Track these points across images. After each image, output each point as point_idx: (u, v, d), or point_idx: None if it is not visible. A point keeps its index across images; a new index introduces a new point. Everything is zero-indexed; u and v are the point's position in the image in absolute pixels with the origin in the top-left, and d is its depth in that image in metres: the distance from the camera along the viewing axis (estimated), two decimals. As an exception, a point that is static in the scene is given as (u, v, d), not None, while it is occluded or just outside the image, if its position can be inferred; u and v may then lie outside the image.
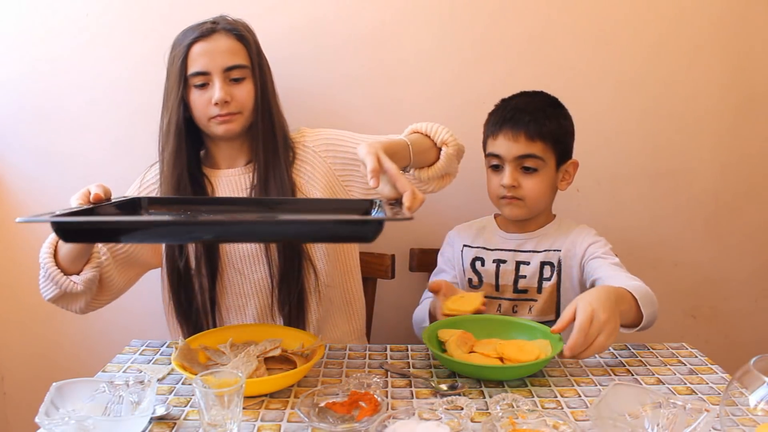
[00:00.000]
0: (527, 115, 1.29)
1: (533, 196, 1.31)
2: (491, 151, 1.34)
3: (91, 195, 1.04)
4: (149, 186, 1.34)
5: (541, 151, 1.29)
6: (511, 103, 1.35)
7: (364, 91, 1.57)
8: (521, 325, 1.14)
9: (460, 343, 1.06)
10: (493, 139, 1.33)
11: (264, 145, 1.30)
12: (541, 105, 1.33)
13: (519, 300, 1.36)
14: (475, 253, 1.41)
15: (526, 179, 1.31)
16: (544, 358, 1.01)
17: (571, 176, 1.37)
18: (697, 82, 1.59)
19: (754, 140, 1.63)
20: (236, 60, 1.26)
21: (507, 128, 1.30)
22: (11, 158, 1.59)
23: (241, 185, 1.32)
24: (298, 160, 1.34)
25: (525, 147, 1.29)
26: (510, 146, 1.30)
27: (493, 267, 1.38)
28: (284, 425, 0.87)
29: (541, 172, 1.30)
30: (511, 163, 1.30)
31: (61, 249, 1.16)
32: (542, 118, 1.30)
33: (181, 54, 1.24)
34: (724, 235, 1.68)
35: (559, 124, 1.33)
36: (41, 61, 1.54)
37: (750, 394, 0.82)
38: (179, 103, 1.25)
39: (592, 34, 1.56)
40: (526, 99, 1.35)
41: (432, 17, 1.54)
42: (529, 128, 1.28)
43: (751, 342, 1.70)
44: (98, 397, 0.86)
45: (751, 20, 1.57)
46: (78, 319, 1.66)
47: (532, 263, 1.35)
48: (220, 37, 1.26)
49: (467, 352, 1.06)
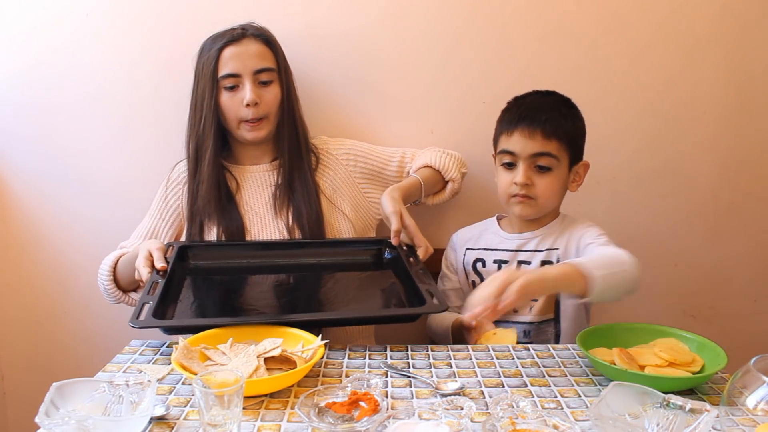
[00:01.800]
0: (543, 113, 1.28)
1: (545, 195, 1.30)
2: (505, 147, 1.32)
3: (157, 264, 1.19)
4: (175, 186, 1.42)
5: (556, 149, 1.28)
6: (526, 100, 1.34)
7: (371, 93, 1.58)
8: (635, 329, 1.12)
9: (628, 360, 1.02)
10: (508, 135, 1.31)
11: (289, 146, 1.39)
12: (557, 104, 1.32)
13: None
14: (477, 255, 1.41)
15: (539, 178, 1.29)
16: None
17: (582, 178, 1.36)
18: (697, 82, 1.59)
19: (754, 140, 1.63)
20: (265, 63, 1.34)
21: (523, 125, 1.28)
22: (11, 158, 1.59)
23: (266, 182, 1.40)
24: (322, 165, 1.43)
25: (541, 145, 1.27)
26: (525, 143, 1.28)
27: (494, 267, 1.38)
28: (284, 425, 0.87)
29: (555, 171, 1.29)
30: (525, 160, 1.29)
31: (120, 271, 1.33)
32: (558, 117, 1.29)
33: (212, 58, 1.32)
34: (724, 235, 1.68)
35: (574, 125, 1.32)
36: (41, 59, 1.54)
37: (750, 395, 0.82)
38: (213, 105, 1.32)
39: (592, 34, 1.56)
40: (541, 97, 1.34)
41: (436, 18, 1.54)
42: (546, 126, 1.27)
43: (751, 342, 1.70)
44: (98, 397, 0.85)
45: (752, 20, 1.57)
46: (78, 319, 1.67)
47: (533, 263, 1.35)
48: (249, 41, 1.33)
49: (637, 366, 1.01)
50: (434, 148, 1.48)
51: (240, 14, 1.44)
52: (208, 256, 1.35)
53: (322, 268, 1.35)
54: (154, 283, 1.17)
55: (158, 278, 1.18)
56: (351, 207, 1.43)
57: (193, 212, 1.36)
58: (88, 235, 1.60)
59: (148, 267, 1.20)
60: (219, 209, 1.35)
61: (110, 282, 1.33)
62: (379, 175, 1.46)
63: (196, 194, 1.36)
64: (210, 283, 1.30)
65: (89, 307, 1.63)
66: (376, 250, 1.39)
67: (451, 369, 1.07)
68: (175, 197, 1.41)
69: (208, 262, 1.34)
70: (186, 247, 1.34)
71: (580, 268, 1.08)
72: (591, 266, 1.08)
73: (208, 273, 1.32)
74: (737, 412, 0.86)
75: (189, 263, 1.33)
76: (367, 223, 1.49)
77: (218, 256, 1.35)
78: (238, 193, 1.39)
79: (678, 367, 1.01)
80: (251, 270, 1.33)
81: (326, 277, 1.33)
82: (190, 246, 1.35)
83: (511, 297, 1.00)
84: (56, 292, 1.65)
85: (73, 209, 1.60)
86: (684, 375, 0.99)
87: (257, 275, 1.32)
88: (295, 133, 1.39)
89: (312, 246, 1.37)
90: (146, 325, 1.03)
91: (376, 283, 1.32)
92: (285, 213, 1.36)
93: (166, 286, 1.16)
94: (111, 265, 1.34)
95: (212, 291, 1.28)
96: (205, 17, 1.49)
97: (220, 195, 1.36)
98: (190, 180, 1.38)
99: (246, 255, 1.35)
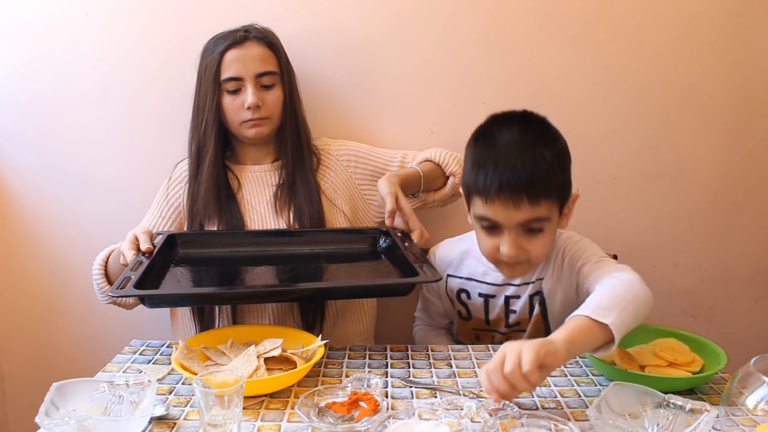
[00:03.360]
0: (526, 171, 1.05)
1: (539, 254, 1.13)
2: (483, 214, 1.10)
3: (142, 246, 1.16)
4: (177, 185, 1.42)
5: (547, 211, 1.08)
6: (498, 150, 1.09)
7: (371, 93, 1.57)
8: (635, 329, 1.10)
9: (629, 360, 1.02)
10: (484, 202, 1.08)
11: (292, 147, 1.39)
12: (537, 148, 1.07)
13: (512, 332, 1.27)
14: (460, 285, 1.29)
15: (530, 242, 1.10)
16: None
17: (571, 210, 1.17)
18: (697, 82, 1.59)
19: (754, 140, 1.63)
20: (267, 66, 1.34)
21: (505, 195, 1.05)
22: (11, 157, 1.59)
23: (267, 181, 1.40)
24: (323, 165, 1.43)
25: (528, 212, 1.06)
26: (509, 214, 1.07)
27: (480, 301, 1.26)
28: (284, 425, 0.87)
29: (547, 229, 1.10)
30: (511, 230, 1.09)
31: (111, 267, 1.29)
32: (545, 172, 1.06)
33: (215, 60, 1.32)
34: (724, 235, 1.68)
35: (561, 170, 1.10)
36: (40, 56, 1.53)
37: (750, 395, 0.82)
38: (215, 107, 1.33)
39: (592, 35, 1.56)
40: (517, 137, 1.09)
41: (436, 18, 1.54)
42: (531, 191, 1.05)
43: (751, 342, 1.70)
44: (98, 397, 0.86)
45: (752, 20, 1.57)
46: (78, 319, 1.67)
47: (522, 298, 1.23)
48: (252, 44, 1.33)
49: (637, 366, 1.02)
50: (435, 148, 1.47)
51: (240, 12, 1.44)
52: (197, 245, 1.31)
53: (315, 257, 1.30)
54: (138, 262, 1.11)
55: (143, 259, 1.14)
56: (350, 208, 1.43)
57: (193, 213, 1.36)
58: (88, 235, 1.60)
59: (133, 250, 1.16)
60: (218, 209, 1.34)
61: (101, 277, 1.30)
62: (380, 176, 1.46)
63: (196, 195, 1.35)
64: (198, 269, 1.25)
65: (89, 307, 1.63)
66: (371, 239, 1.34)
67: (451, 369, 1.07)
68: (176, 196, 1.41)
69: (197, 251, 1.29)
70: (175, 235, 1.30)
71: (591, 318, 0.91)
72: (602, 310, 0.92)
73: (197, 261, 1.27)
74: (737, 412, 0.86)
75: (178, 251, 1.29)
76: (366, 225, 1.49)
77: (208, 243, 1.31)
78: (239, 192, 1.38)
79: (678, 367, 1.01)
80: (242, 260, 1.28)
81: (318, 265, 1.29)
82: (180, 234, 1.31)
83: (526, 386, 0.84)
84: (56, 292, 1.65)
85: (73, 208, 1.60)
86: (684, 375, 0.99)
87: (247, 264, 1.27)
88: (297, 134, 1.39)
89: (305, 234, 1.33)
90: (127, 294, 0.99)
91: (371, 269, 1.27)
92: (286, 212, 1.36)
93: (150, 266, 1.11)
94: (102, 261, 1.31)
95: (199, 275, 1.23)
96: (205, 15, 1.49)
97: (220, 196, 1.35)
98: (191, 180, 1.37)
99: (237, 243, 1.31)
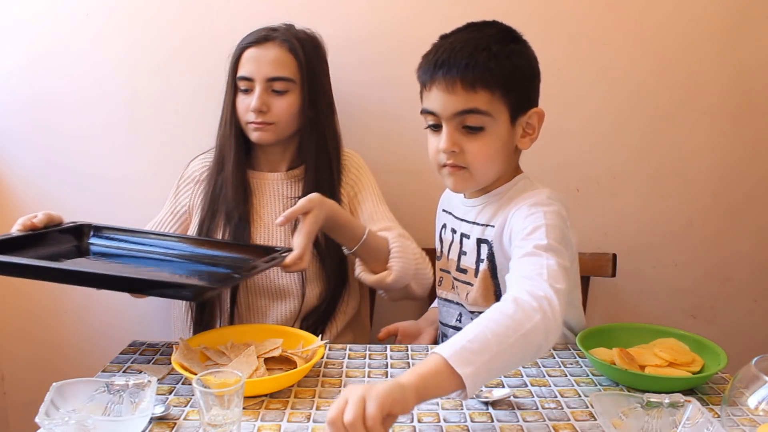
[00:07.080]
0: (464, 56, 0.98)
1: (479, 162, 1.03)
2: (425, 106, 1.05)
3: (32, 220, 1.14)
4: (187, 183, 1.38)
5: (486, 103, 0.99)
6: (447, 40, 1.03)
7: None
8: (635, 329, 1.12)
9: (628, 360, 1.01)
10: (426, 91, 1.04)
11: (317, 160, 1.30)
12: (485, 41, 1.00)
13: (459, 281, 1.15)
14: (444, 219, 1.23)
15: (468, 141, 1.02)
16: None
17: (536, 130, 1.07)
18: (697, 82, 1.59)
19: (754, 140, 1.63)
20: (281, 72, 1.26)
21: (440, 76, 0.99)
22: (11, 156, 1.59)
23: (281, 192, 1.33)
24: (345, 178, 1.35)
25: (464, 100, 0.99)
26: (445, 100, 1.00)
27: (449, 236, 1.18)
28: (284, 425, 0.87)
29: (489, 130, 1.01)
30: (448, 121, 1.02)
31: None
32: (485, 59, 0.98)
33: (235, 57, 1.29)
34: (723, 235, 1.68)
35: (512, 64, 1.01)
36: (41, 57, 1.53)
37: (751, 395, 0.82)
38: (231, 104, 1.30)
39: (592, 33, 1.56)
40: (469, 33, 1.04)
41: (440, 20, 1.54)
42: (466, 74, 0.98)
43: (751, 342, 1.70)
44: (98, 397, 0.86)
45: (752, 20, 1.57)
46: (78, 319, 1.66)
47: (471, 238, 1.12)
48: (272, 46, 1.26)
49: (637, 366, 1.01)
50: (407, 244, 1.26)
51: (241, 12, 1.44)
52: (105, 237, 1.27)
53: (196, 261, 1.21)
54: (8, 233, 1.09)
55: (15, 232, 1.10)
56: None
57: (208, 208, 1.31)
58: (87, 235, 1.60)
59: (24, 224, 1.14)
60: (226, 213, 1.30)
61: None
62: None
63: (218, 193, 1.31)
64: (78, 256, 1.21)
65: (89, 307, 1.63)
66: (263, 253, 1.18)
67: (451, 369, 1.07)
68: (185, 194, 1.38)
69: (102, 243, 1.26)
70: (87, 225, 1.26)
71: (449, 363, 0.74)
72: (467, 354, 0.74)
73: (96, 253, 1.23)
74: (738, 413, 0.86)
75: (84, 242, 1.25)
76: None
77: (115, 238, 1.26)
78: (248, 201, 1.33)
79: (678, 367, 1.01)
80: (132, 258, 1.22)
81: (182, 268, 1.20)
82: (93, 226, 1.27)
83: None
84: (56, 292, 1.65)
85: (73, 208, 1.60)
86: (684, 375, 0.99)
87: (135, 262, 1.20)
88: (320, 145, 1.30)
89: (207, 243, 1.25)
90: None
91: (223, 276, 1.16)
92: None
93: (22, 238, 1.09)
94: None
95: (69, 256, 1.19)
96: (205, 15, 1.49)
97: (238, 200, 1.30)
98: (213, 177, 1.33)
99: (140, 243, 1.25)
